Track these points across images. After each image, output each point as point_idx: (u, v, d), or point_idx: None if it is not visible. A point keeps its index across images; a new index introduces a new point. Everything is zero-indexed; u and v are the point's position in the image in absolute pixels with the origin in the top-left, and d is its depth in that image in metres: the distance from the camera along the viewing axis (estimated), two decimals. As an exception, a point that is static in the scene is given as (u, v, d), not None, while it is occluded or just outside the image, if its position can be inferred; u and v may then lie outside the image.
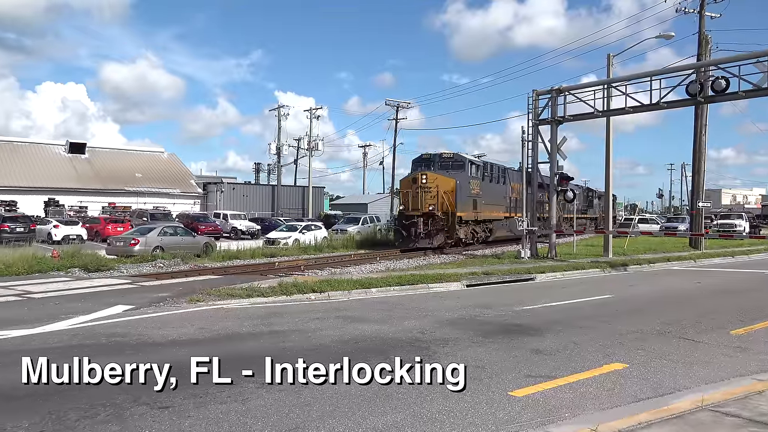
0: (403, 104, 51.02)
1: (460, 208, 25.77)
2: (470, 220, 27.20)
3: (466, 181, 26.45)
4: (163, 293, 11.97)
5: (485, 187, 28.54)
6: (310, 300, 11.93)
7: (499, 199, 30.66)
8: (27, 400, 5.26)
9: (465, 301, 12.19)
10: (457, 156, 27.63)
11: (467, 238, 27.26)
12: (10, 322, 8.78)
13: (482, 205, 27.96)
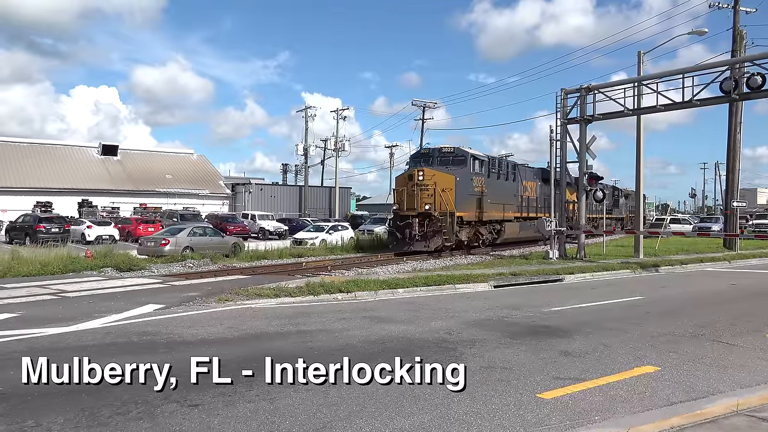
0: (429, 104, 50.98)
1: (461, 207, 23.52)
2: (473, 221, 24.98)
3: (467, 178, 24.23)
4: (192, 293, 12.14)
5: (492, 184, 26.16)
6: (337, 300, 11.98)
7: (509, 198, 28.36)
8: (61, 397, 5.39)
9: (492, 301, 12.10)
10: (458, 150, 24.98)
11: (470, 240, 25.04)
12: (47, 320, 9.00)
13: (488, 205, 25.59)
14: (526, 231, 29.32)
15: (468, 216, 24.26)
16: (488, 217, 25.97)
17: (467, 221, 24.36)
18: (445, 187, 22.96)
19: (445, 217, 22.68)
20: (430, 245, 22.47)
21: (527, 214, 30.09)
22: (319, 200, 55.28)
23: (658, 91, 20.85)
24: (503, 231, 27.43)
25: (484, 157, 26.10)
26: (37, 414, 4.91)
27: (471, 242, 25.23)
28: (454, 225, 22.95)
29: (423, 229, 22.66)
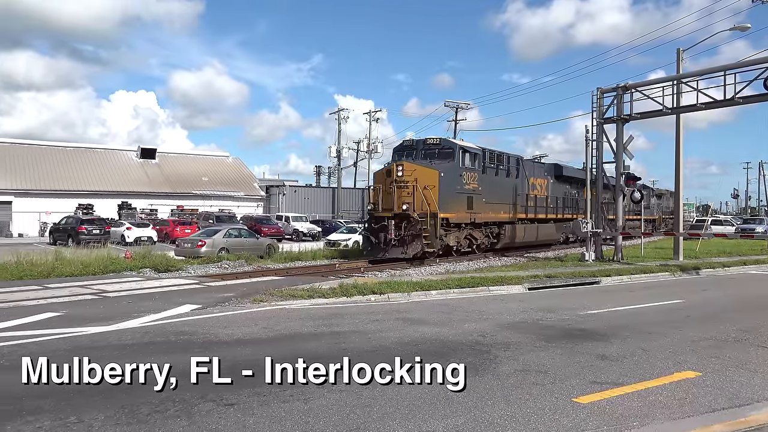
0: (462, 105, 50.67)
1: (447, 207, 20.52)
2: (464, 223, 21.97)
3: (455, 174, 21.12)
4: (228, 293, 12.32)
5: (487, 181, 22.98)
6: (369, 301, 12.00)
7: (511, 197, 25.23)
8: (101, 394, 5.53)
9: (527, 304, 11.96)
10: (444, 142, 22.12)
11: (460, 245, 22.14)
12: (88, 320, 9.25)
13: (482, 204, 22.52)
14: (533, 234, 26.82)
15: (457, 217, 21.33)
16: (483, 219, 23.00)
17: (456, 223, 21.45)
18: (427, 184, 20.00)
19: (427, 218, 19.74)
20: (408, 251, 19.56)
21: (535, 216, 27.10)
22: (352, 202, 55.52)
23: (698, 89, 20.35)
24: (503, 234, 24.41)
25: (477, 150, 22.86)
26: (79, 410, 5.05)
27: (462, 247, 22.39)
28: (438, 228, 19.89)
29: (400, 232, 19.68)
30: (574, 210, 31.33)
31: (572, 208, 31.33)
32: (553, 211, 29.34)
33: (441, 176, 20.28)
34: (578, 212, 30.65)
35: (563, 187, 30.70)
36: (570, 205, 31.39)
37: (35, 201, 41.63)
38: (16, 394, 5.47)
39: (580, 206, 31.02)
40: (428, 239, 19.70)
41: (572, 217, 29.61)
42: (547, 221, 28.77)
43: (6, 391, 5.54)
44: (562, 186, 30.50)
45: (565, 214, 30.32)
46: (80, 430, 4.62)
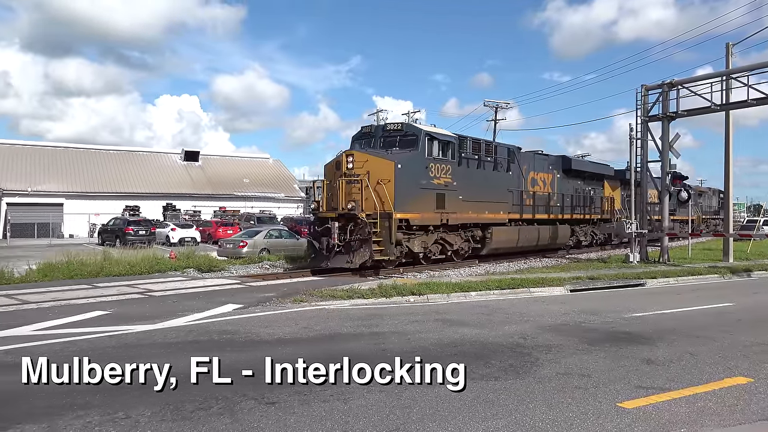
0: (502, 105, 50.14)
1: (406, 206, 17.25)
2: (434, 225, 18.51)
3: (419, 166, 17.72)
4: (269, 293, 12.49)
5: (466, 175, 19.52)
6: (408, 302, 11.99)
7: (500, 194, 21.40)
8: (146, 392, 5.67)
9: (569, 306, 11.75)
10: (407, 127, 18.59)
11: (430, 251, 18.78)
12: (135, 318, 9.52)
13: (458, 203, 19.04)
14: (533, 237, 23.30)
15: (421, 218, 17.90)
16: (459, 220, 19.40)
17: (421, 225, 18.14)
18: (381, 177, 16.85)
19: (380, 219, 16.58)
20: (354, 260, 16.37)
21: (533, 216, 23.46)
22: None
23: (749, 84, 19.64)
24: (489, 239, 20.69)
25: (450, 138, 19.09)
26: (126, 406, 5.19)
27: (433, 254, 19.03)
28: (394, 231, 16.73)
29: (345, 236, 16.70)
30: (589, 209, 28.36)
31: (585, 207, 28.02)
32: (560, 211, 25.79)
33: (398, 168, 16.98)
34: (594, 211, 28.65)
35: (573, 183, 27.27)
36: (582, 203, 27.91)
37: (85, 203, 43.10)
38: (69, 389, 5.66)
39: (595, 204, 28.88)
40: (382, 245, 16.64)
41: (583, 218, 27.68)
42: (552, 222, 25.16)
43: (59, 387, 5.74)
44: (571, 182, 27.03)
45: (575, 214, 27.02)
46: (127, 425, 4.76)
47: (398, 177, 16.94)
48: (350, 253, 16.57)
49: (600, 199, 29.45)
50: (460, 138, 19.71)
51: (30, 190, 42.54)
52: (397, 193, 16.85)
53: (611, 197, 30.35)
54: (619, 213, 30.28)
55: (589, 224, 28.59)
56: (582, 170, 27.80)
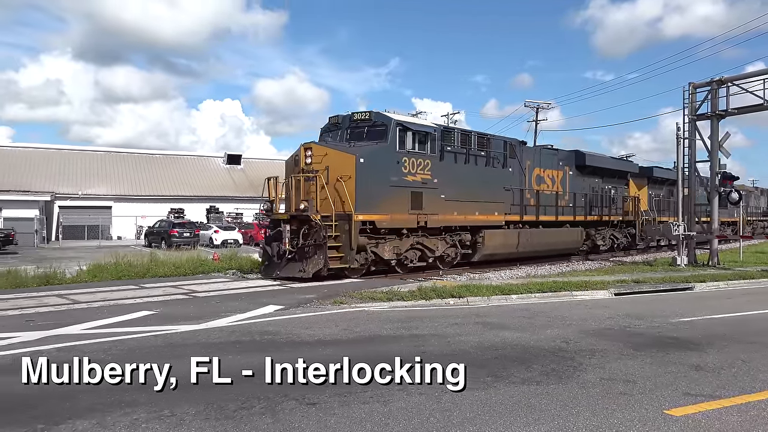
0: (543, 105, 49.45)
1: (370, 205, 15.35)
2: (407, 228, 16.53)
3: (388, 160, 15.78)
4: (309, 295, 12.61)
5: (452, 171, 17.60)
6: (448, 305, 11.92)
7: (493, 193, 19.18)
8: (190, 391, 5.79)
9: (613, 310, 11.49)
10: (377, 116, 16.27)
11: (405, 257, 16.77)
12: (180, 318, 9.74)
13: (440, 202, 17.15)
14: (539, 241, 21.17)
15: (391, 220, 15.91)
16: (442, 222, 17.38)
17: (393, 229, 16.20)
18: (341, 174, 15.05)
19: (339, 222, 14.90)
20: (307, 268, 14.60)
21: (537, 218, 21.21)
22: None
23: (804, 80, 18.82)
24: (481, 243, 18.62)
25: (428, 128, 17.03)
26: (171, 404, 5.32)
27: (410, 261, 16.94)
28: (355, 235, 14.89)
29: (299, 241, 14.90)
30: (609, 210, 26.18)
31: (603, 208, 25.77)
32: (572, 212, 23.51)
33: (360, 163, 15.07)
34: (614, 212, 26.61)
35: (589, 181, 24.94)
36: (600, 204, 25.57)
37: (132, 206, 44.41)
38: (117, 386, 5.83)
39: (617, 205, 26.83)
40: (341, 251, 14.97)
41: (600, 219, 25.40)
42: (561, 224, 22.87)
43: (107, 384, 5.92)
44: (587, 179, 24.74)
45: (590, 215, 24.74)
46: (172, 422, 4.87)
47: (360, 173, 15.05)
48: (303, 260, 14.80)
49: (621, 199, 27.37)
50: (443, 129, 17.75)
51: (80, 193, 44.09)
52: (359, 192, 15.00)
53: (636, 197, 28.18)
54: (646, 214, 28.19)
55: (608, 226, 26.31)
56: (600, 167, 25.46)
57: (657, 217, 28.48)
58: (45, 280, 14.78)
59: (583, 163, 24.23)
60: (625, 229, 27.57)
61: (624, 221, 27.27)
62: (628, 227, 27.71)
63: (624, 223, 27.36)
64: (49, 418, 4.91)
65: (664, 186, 30.94)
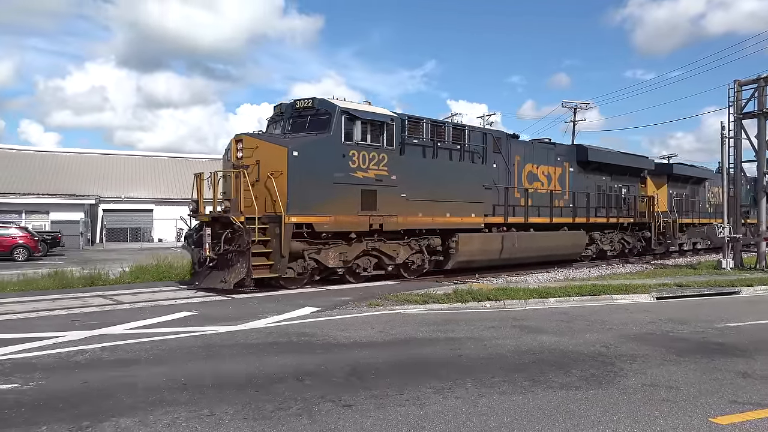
0: (581, 105, 48.68)
1: (308, 205, 13.49)
2: (359, 232, 14.61)
3: (331, 153, 13.87)
4: (345, 297, 12.66)
5: (415, 167, 15.63)
6: (484, 308, 11.82)
7: (473, 193, 17.19)
8: (231, 390, 5.89)
9: (655, 314, 11.20)
10: (320, 104, 14.37)
11: (356, 266, 14.93)
12: (218, 319, 9.90)
13: (400, 202, 15.20)
14: (529, 246, 19.10)
15: (335, 223, 13.99)
16: (405, 225, 15.48)
17: (339, 232, 14.30)
18: (273, 169, 13.26)
19: (270, 224, 13.18)
20: (229, 278, 12.70)
21: (526, 220, 19.08)
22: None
23: None
24: (454, 249, 16.79)
25: (382, 117, 14.95)
26: (211, 404, 5.41)
27: (362, 269, 15.05)
28: (284, 240, 12.99)
29: (221, 247, 13.02)
30: (618, 211, 23.95)
31: (611, 209, 23.56)
32: (572, 213, 21.22)
33: (293, 157, 13.19)
34: (626, 214, 24.26)
35: (595, 179, 22.71)
36: (608, 204, 23.37)
37: (172, 209, 45.33)
38: (158, 385, 5.97)
39: (629, 205, 24.60)
40: (272, 258, 13.18)
41: (607, 222, 23.23)
42: (557, 227, 20.60)
43: (150, 383, 6.06)
44: (592, 177, 22.51)
45: (596, 217, 22.40)
46: (211, 422, 4.94)
47: (293, 168, 13.18)
48: (226, 269, 12.97)
49: (634, 199, 24.96)
50: (403, 118, 15.54)
51: (123, 197, 45.30)
52: (292, 190, 13.15)
53: (653, 196, 25.69)
54: (665, 216, 25.75)
55: (617, 229, 23.92)
56: (606, 163, 23.08)
57: (678, 218, 26.34)
58: (90, 281, 15.23)
59: (585, 159, 22.04)
60: (639, 232, 25.30)
61: (636, 223, 24.94)
62: (642, 230, 25.44)
63: (636, 225, 25.02)
64: (94, 416, 5.04)
65: (688, 184, 29.09)
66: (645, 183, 25.98)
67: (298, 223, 13.40)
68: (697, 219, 29.15)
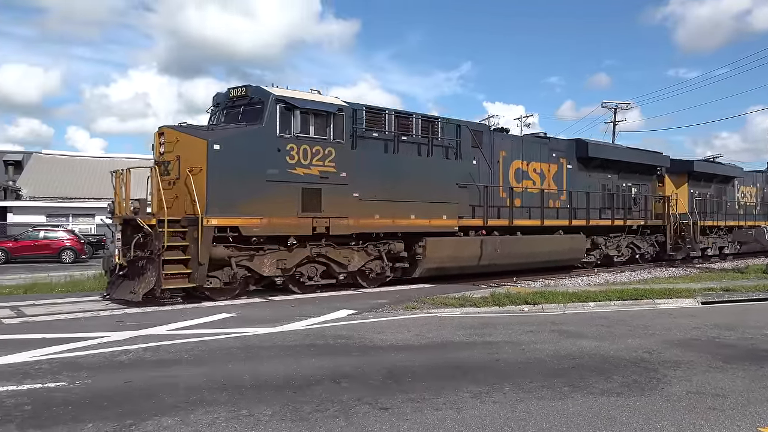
0: (621, 106, 47.73)
1: (232, 206, 12.03)
2: (299, 236, 12.99)
3: (263, 146, 12.38)
4: (381, 300, 12.67)
5: (374, 163, 14.12)
6: (522, 312, 11.68)
7: (444, 192, 15.44)
8: (269, 391, 5.96)
9: (700, 320, 10.88)
10: (254, 92, 12.94)
11: (299, 273, 13.30)
12: (257, 321, 10.04)
13: (355, 203, 13.65)
14: (515, 251, 17.26)
15: (268, 225, 12.46)
16: (358, 228, 13.87)
17: (274, 237, 12.78)
18: (192, 165, 11.91)
19: (191, 228, 11.74)
20: (138, 289, 11.38)
21: (510, 222, 17.20)
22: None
23: None
24: (422, 255, 14.98)
25: (327, 107, 13.37)
26: (250, 405, 5.48)
27: (303, 278, 13.37)
28: (203, 245, 11.58)
29: (131, 253, 11.77)
30: (626, 213, 21.69)
31: (617, 210, 21.33)
32: (569, 215, 19.25)
33: (214, 151, 11.80)
34: (636, 216, 22.18)
35: (599, 177, 20.90)
36: (614, 205, 21.25)
37: (212, 212, 46.18)
38: (198, 386, 6.08)
39: (640, 206, 22.55)
40: (190, 265, 11.72)
41: (612, 224, 20.99)
42: (549, 230, 18.62)
43: (190, 383, 6.18)
44: (595, 175, 20.74)
45: (599, 219, 20.49)
46: (250, 422, 5.01)
47: (214, 163, 11.80)
48: (137, 277, 11.70)
49: (646, 200, 22.96)
50: (356, 108, 14.01)
51: (165, 200, 46.37)
52: (212, 188, 11.77)
53: (671, 196, 23.46)
54: (683, 217, 23.42)
55: (624, 233, 21.75)
56: (612, 159, 21.17)
57: (700, 220, 23.92)
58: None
59: (586, 155, 20.11)
60: (652, 235, 23.08)
61: (648, 226, 22.69)
62: (656, 233, 23.20)
63: (648, 228, 22.74)
64: (137, 415, 5.17)
65: (713, 183, 26.56)
66: (663, 182, 24.06)
67: (220, 225, 11.95)
68: (723, 222, 26.63)
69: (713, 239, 26.04)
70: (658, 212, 23.47)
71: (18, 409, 5.32)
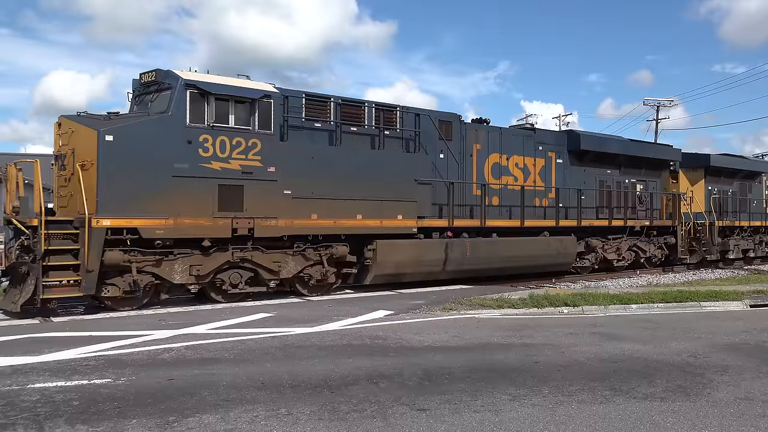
0: (664, 103, 46.52)
1: (127, 204, 10.67)
2: (214, 239, 11.58)
3: (169, 137, 11.05)
4: (418, 300, 12.64)
5: (310, 156, 12.59)
6: (562, 314, 11.49)
7: (399, 189, 13.72)
8: (308, 390, 6.01)
9: (748, 323, 10.52)
10: (163, 76, 11.60)
11: (220, 281, 11.94)
12: (295, 321, 10.14)
13: (286, 202, 12.18)
14: (483, 256, 15.49)
15: (173, 227, 11.06)
16: (289, 230, 12.36)
17: (190, 240, 11.43)
18: (84, 158, 10.63)
19: (83, 230, 10.33)
20: (17, 299, 10.05)
21: (482, 223, 15.39)
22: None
23: None
24: (372, 259, 13.44)
25: (250, 93, 11.93)
26: (289, 404, 5.54)
27: (226, 285, 11.97)
28: (92, 249, 10.30)
29: (11, 257, 10.52)
30: (629, 212, 19.58)
31: (617, 209, 19.31)
32: (557, 214, 17.34)
33: (107, 142, 10.46)
34: (642, 215, 19.95)
35: (596, 173, 18.95)
36: (614, 204, 19.23)
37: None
38: (238, 384, 6.18)
39: (646, 204, 20.27)
40: (79, 270, 10.43)
41: (610, 225, 18.81)
42: (532, 232, 16.81)
43: (230, 382, 6.29)
44: (591, 170, 18.79)
45: (596, 219, 18.57)
46: (288, 421, 5.06)
47: (107, 156, 10.45)
48: (18, 284, 10.41)
49: (653, 197, 20.65)
50: (288, 95, 12.52)
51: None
52: (103, 184, 10.45)
53: (684, 194, 21.33)
54: (698, 217, 21.31)
55: (625, 234, 19.51)
56: (610, 153, 19.05)
57: (719, 220, 22.13)
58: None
59: (578, 148, 18.05)
60: (660, 237, 20.67)
61: (653, 226, 20.24)
62: (664, 235, 20.81)
63: (654, 229, 20.40)
64: (179, 412, 5.28)
65: (735, 179, 24.13)
66: (677, 178, 21.92)
67: (114, 227, 10.59)
68: (748, 222, 24.15)
69: (735, 241, 23.64)
70: (670, 212, 21.18)
71: (67, 404, 5.50)
